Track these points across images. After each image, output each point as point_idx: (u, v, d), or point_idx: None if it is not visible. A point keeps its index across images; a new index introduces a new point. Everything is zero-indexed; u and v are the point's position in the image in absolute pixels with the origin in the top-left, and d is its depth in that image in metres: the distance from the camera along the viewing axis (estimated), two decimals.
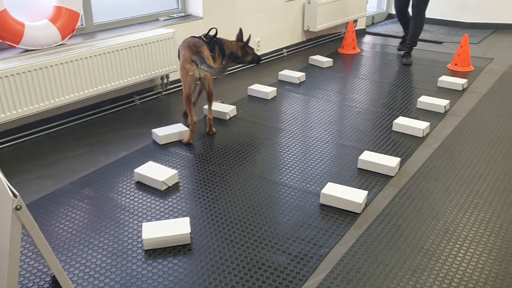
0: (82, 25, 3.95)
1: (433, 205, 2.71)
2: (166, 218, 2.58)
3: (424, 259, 2.28)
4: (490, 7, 7.14)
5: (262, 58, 5.35)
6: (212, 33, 3.62)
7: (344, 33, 6.11)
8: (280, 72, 4.85)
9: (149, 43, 3.95)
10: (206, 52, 3.34)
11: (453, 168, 3.11)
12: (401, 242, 2.40)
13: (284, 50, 5.69)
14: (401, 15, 5.56)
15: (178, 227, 2.39)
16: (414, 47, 5.51)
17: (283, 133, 3.62)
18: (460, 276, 2.17)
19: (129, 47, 3.81)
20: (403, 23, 5.67)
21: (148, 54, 3.97)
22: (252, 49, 3.88)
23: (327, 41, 6.36)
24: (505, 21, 7.12)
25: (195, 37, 3.47)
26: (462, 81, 4.57)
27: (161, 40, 4.03)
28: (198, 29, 4.53)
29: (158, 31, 4.09)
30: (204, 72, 3.28)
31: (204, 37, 3.57)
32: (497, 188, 2.89)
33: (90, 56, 3.56)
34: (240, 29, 3.90)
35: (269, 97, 4.30)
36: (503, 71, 5.12)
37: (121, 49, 3.75)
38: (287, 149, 3.36)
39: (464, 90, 4.53)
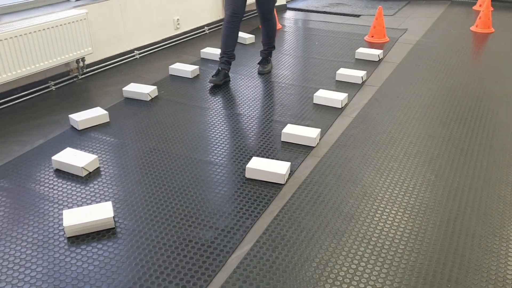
0: None
1: (351, 171, 2.83)
2: (88, 204, 2.52)
3: (344, 222, 2.38)
4: None
5: (183, 36, 5.29)
6: None
7: None
8: (202, 50, 4.80)
9: (60, 25, 3.76)
10: None
11: (369, 135, 3.25)
12: (323, 207, 2.49)
13: (206, 27, 5.63)
14: (233, 25, 3.93)
15: (100, 212, 2.34)
16: (272, 51, 4.43)
17: (207, 111, 3.61)
18: (377, 235, 2.29)
19: (39, 30, 3.61)
20: (229, 40, 3.99)
21: (60, 37, 3.78)
22: None
23: (249, 18, 6.37)
24: None
25: None
26: (378, 51, 4.75)
27: (73, 22, 3.85)
28: (114, 10, 4.38)
29: (69, 13, 3.90)
30: None
31: None
32: (410, 151, 3.06)
33: None
34: None
35: (192, 76, 4.26)
36: (416, 41, 5.38)
37: (30, 33, 3.55)
38: (212, 127, 3.36)
39: (380, 60, 4.72)
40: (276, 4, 6.43)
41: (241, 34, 5.35)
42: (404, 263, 2.11)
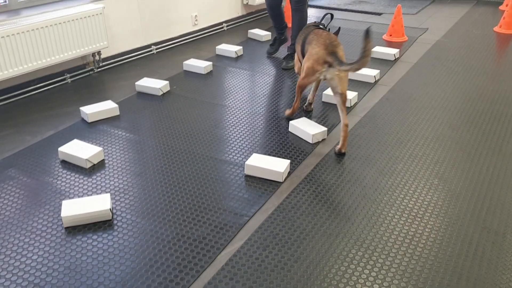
0: (5, 2, 3.80)
1: (353, 171, 2.81)
2: (89, 196, 2.57)
3: (339, 224, 2.37)
4: None
5: (201, 33, 5.33)
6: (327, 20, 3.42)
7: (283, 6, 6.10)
8: (217, 47, 4.83)
9: (77, 19, 3.84)
10: (341, 52, 3.00)
11: (376, 135, 3.22)
12: (319, 207, 2.48)
13: (224, 24, 5.65)
14: (273, 11, 4.56)
15: (98, 204, 2.39)
16: None
17: (217, 107, 3.64)
18: (371, 237, 2.27)
19: (56, 24, 3.70)
20: (277, 20, 4.65)
21: (77, 30, 3.87)
22: None
23: (267, 15, 6.35)
24: None
25: (320, 27, 3.24)
26: (394, 51, 4.68)
27: (90, 16, 3.93)
28: (130, 5, 4.45)
29: (86, 7, 3.98)
30: (336, 73, 2.90)
31: (322, 25, 3.33)
32: (416, 153, 3.01)
33: (13, 34, 3.44)
34: None
35: (205, 72, 4.29)
36: (436, 41, 5.27)
37: (48, 26, 3.64)
38: (218, 123, 3.38)
39: (396, 60, 4.65)
40: None
41: (257, 31, 5.35)
42: (395, 267, 2.09)
